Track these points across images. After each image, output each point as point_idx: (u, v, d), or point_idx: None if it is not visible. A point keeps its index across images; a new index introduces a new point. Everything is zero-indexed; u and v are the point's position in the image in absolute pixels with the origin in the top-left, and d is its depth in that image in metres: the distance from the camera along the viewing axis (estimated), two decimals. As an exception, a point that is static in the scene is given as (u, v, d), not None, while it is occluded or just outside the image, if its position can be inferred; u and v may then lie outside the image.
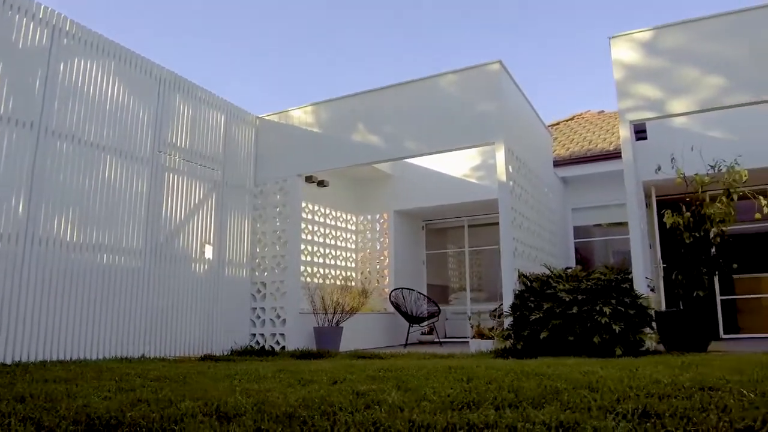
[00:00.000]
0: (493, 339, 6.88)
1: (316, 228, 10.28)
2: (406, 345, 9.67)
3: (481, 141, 7.52)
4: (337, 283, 10.23)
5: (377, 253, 11.16)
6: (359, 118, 8.29)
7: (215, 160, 8.05)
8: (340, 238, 10.96)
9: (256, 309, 8.36)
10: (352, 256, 11.26)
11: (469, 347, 7.30)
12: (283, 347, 7.89)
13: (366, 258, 11.28)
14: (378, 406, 2.37)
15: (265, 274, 8.43)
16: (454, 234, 12.23)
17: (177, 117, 7.51)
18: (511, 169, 7.21)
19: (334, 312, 8.31)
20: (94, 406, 2.47)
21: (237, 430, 2.06)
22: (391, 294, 10.16)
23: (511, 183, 7.16)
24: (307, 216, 10.00)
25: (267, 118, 8.99)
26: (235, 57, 29.67)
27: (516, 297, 6.50)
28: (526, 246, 7.64)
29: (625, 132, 6.84)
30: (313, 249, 10.08)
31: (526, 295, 6.40)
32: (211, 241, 7.80)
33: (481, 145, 8.14)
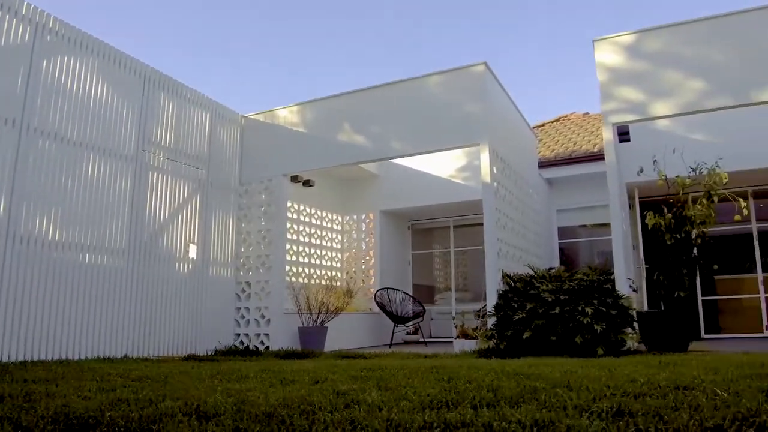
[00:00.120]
0: (477, 339, 6.92)
1: (301, 228, 10.26)
2: (390, 345, 9.69)
3: (467, 142, 7.56)
4: (323, 283, 10.22)
5: (363, 253, 11.17)
6: (345, 118, 8.30)
7: (200, 159, 8.02)
8: (326, 238, 10.95)
9: (240, 309, 8.34)
10: (338, 256, 11.26)
11: (453, 347, 7.34)
12: (268, 347, 7.88)
13: (351, 258, 11.29)
14: (357, 406, 2.38)
15: (250, 273, 8.41)
16: (440, 234, 12.28)
17: (162, 115, 7.46)
18: (495, 171, 7.26)
19: (319, 312, 8.31)
20: (74, 406, 2.46)
21: (216, 429, 2.07)
22: (376, 294, 10.18)
23: (495, 184, 7.21)
24: (292, 216, 9.99)
25: (253, 117, 8.97)
26: (223, 56, 29.54)
27: (500, 297, 6.55)
28: (510, 246, 7.69)
29: (608, 134, 6.91)
30: (298, 249, 10.07)
31: (510, 296, 6.45)
32: (196, 240, 7.77)
33: (467, 146, 8.21)
